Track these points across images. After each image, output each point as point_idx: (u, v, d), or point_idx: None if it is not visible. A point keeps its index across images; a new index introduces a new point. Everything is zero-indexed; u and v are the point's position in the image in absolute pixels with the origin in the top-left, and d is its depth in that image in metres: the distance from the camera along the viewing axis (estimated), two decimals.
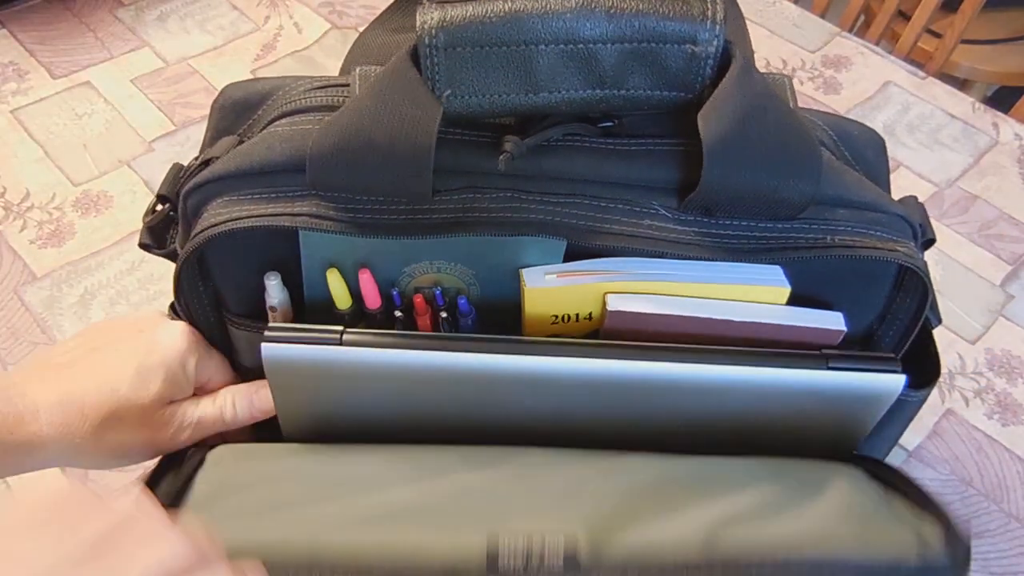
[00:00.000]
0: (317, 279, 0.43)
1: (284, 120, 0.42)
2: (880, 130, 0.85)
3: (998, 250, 0.77)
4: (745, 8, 0.53)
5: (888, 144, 0.47)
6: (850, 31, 1.06)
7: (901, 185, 0.82)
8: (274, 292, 0.44)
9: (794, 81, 0.90)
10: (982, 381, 0.68)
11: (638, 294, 0.42)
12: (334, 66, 0.89)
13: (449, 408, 0.43)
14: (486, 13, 0.36)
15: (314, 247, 0.42)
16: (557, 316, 0.43)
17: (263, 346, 0.40)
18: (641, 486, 0.40)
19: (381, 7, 0.58)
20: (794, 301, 0.43)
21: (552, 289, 0.42)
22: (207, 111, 0.47)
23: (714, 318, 0.42)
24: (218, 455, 0.43)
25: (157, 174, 0.79)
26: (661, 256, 0.40)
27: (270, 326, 0.40)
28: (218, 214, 0.40)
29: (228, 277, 0.44)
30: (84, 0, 0.97)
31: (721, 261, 0.40)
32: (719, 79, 0.38)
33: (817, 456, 0.46)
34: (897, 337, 0.45)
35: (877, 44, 1.12)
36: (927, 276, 0.41)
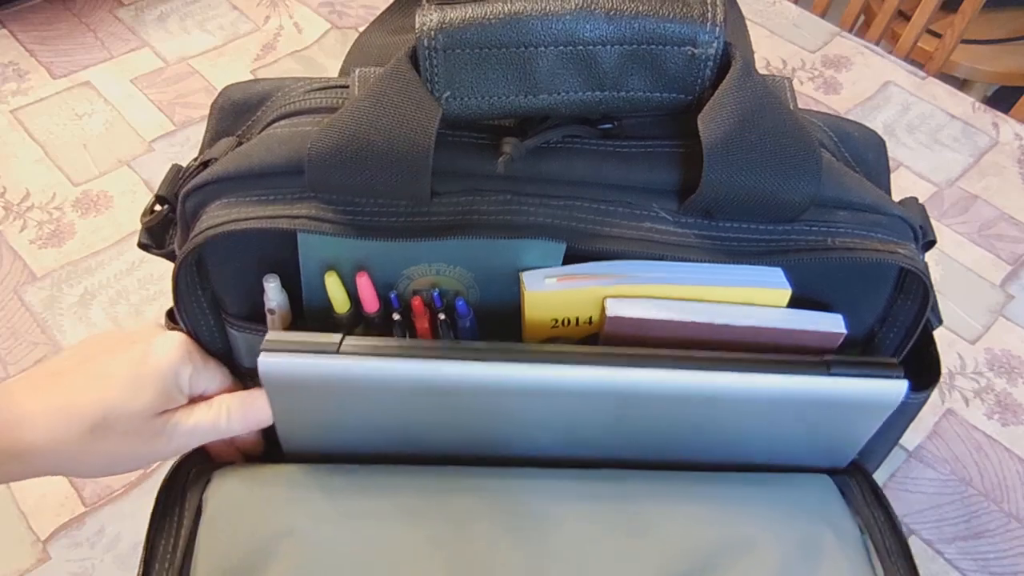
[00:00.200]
0: (315, 281, 0.43)
1: (283, 122, 0.42)
2: (880, 130, 0.85)
3: (998, 250, 0.77)
4: (745, 8, 0.53)
5: (888, 144, 0.47)
6: (850, 31, 1.06)
7: (901, 185, 0.82)
8: (273, 294, 0.44)
9: (794, 81, 0.91)
10: (982, 381, 0.68)
11: (637, 298, 0.42)
12: (334, 66, 0.89)
13: (448, 418, 0.43)
14: (485, 15, 0.36)
15: (312, 249, 0.42)
16: (557, 320, 0.43)
17: (260, 358, 0.40)
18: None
19: (381, 7, 0.58)
20: (794, 302, 0.43)
21: (552, 293, 0.42)
22: (207, 111, 0.47)
23: (713, 322, 0.42)
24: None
25: (157, 174, 0.79)
26: (661, 259, 0.40)
27: (267, 338, 0.40)
28: (216, 216, 0.40)
29: (226, 279, 0.44)
30: (84, 0, 0.97)
31: (721, 263, 0.40)
32: (719, 81, 0.38)
33: (817, 462, 0.46)
34: (898, 339, 0.45)
35: (877, 44, 1.11)
36: (928, 278, 0.41)
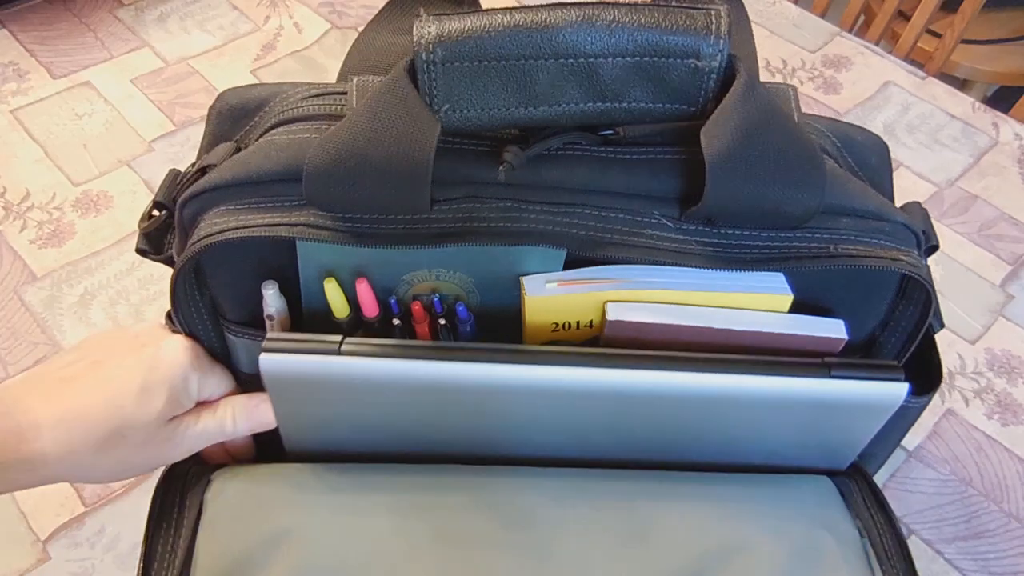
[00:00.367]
0: (315, 288, 0.43)
1: (281, 128, 0.42)
2: (880, 130, 0.85)
3: (998, 250, 0.77)
4: (746, 8, 0.53)
5: (888, 144, 0.47)
6: (850, 31, 1.06)
7: (901, 185, 0.82)
8: (272, 301, 0.43)
9: (794, 81, 0.91)
10: (982, 381, 0.68)
11: (638, 303, 0.42)
12: (334, 66, 0.89)
13: (449, 418, 0.43)
14: (485, 27, 0.36)
15: (311, 256, 0.42)
16: (557, 324, 0.43)
17: (261, 358, 0.40)
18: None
19: (381, 7, 0.57)
20: (795, 307, 0.43)
21: (553, 297, 0.41)
22: (207, 111, 0.47)
23: (714, 327, 0.42)
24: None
25: (157, 174, 0.79)
26: (662, 265, 0.40)
27: (268, 336, 0.40)
28: (215, 223, 0.40)
29: (225, 286, 0.44)
30: (84, 0, 0.96)
31: (723, 271, 0.40)
32: (723, 92, 0.38)
33: (817, 464, 0.46)
34: (899, 344, 0.45)
35: (877, 44, 1.11)
36: (931, 285, 0.41)
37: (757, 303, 0.42)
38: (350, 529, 0.42)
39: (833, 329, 0.43)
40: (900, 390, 0.41)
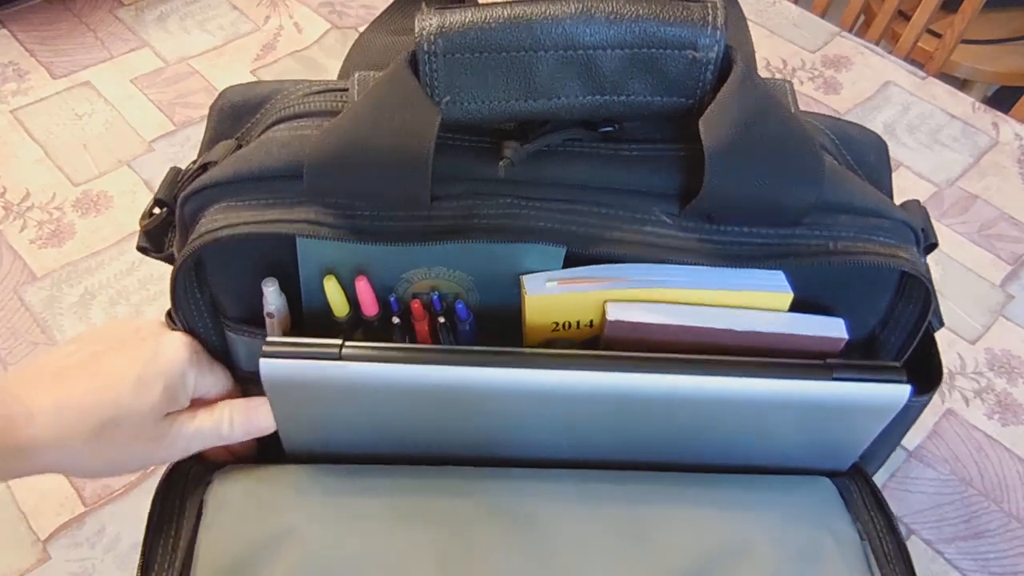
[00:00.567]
0: (315, 285, 0.43)
1: (282, 125, 0.42)
2: (880, 130, 0.85)
3: (998, 250, 0.77)
4: (745, 8, 0.53)
5: (888, 144, 0.47)
6: (850, 31, 1.06)
7: (901, 185, 0.82)
8: (272, 298, 0.43)
9: (794, 81, 0.91)
10: (982, 381, 0.68)
11: (638, 303, 0.42)
12: (334, 66, 0.89)
13: (449, 421, 0.43)
14: (485, 19, 0.36)
15: (311, 253, 0.42)
16: (558, 323, 0.43)
17: (261, 362, 0.40)
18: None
19: (381, 7, 0.58)
20: (795, 306, 0.43)
21: (553, 296, 0.41)
22: (207, 111, 0.47)
23: (714, 326, 0.42)
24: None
25: (157, 174, 0.79)
26: (662, 262, 0.40)
27: (268, 340, 0.40)
28: (215, 220, 0.40)
29: (225, 283, 0.44)
30: (84, 0, 0.96)
31: (723, 267, 0.40)
32: (720, 85, 0.38)
33: (818, 465, 0.46)
34: (899, 343, 0.45)
35: (877, 44, 1.11)
36: (930, 283, 0.41)
37: (757, 301, 0.42)
38: (351, 531, 0.42)
39: (834, 328, 0.43)
40: (902, 392, 0.41)
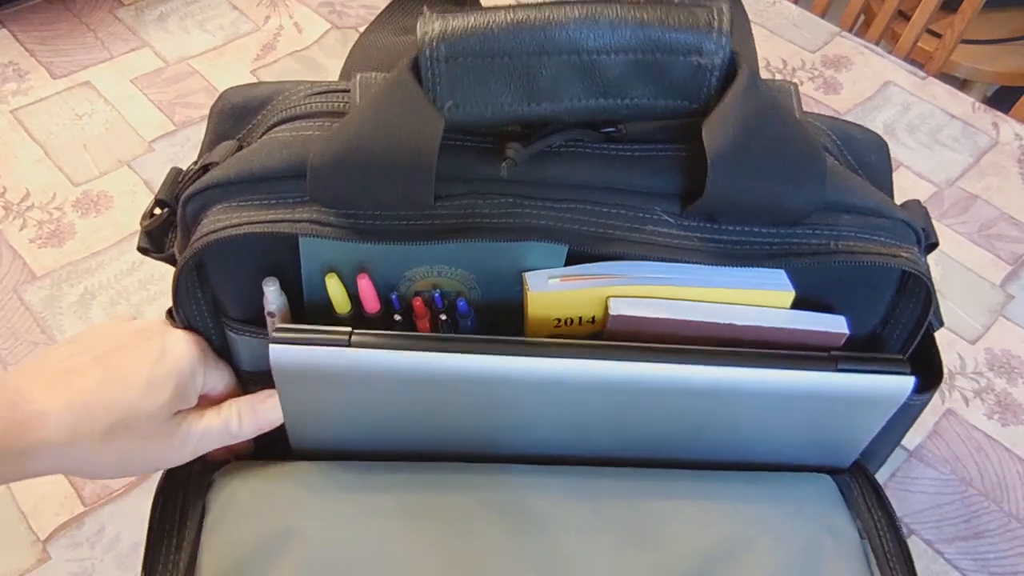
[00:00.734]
0: (316, 284, 0.43)
1: (284, 126, 0.42)
2: (880, 130, 0.85)
3: (998, 250, 0.77)
4: (745, 8, 0.53)
5: (888, 144, 0.47)
6: (850, 31, 1.06)
7: (901, 185, 0.82)
8: (272, 298, 0.43)
9: (794, 81, 0.91)
10: (982, 381, 0.68)
11: (641, 298, 0.42)
12: (334, 66, 0.89)
13: (455, 413, 0.43)
14: (488, 23, 0.36)
15: (314, 252, 0.42)
16: (560, 319, 0.43)
17: (271, 348, 0.40)
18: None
19: (381, 7, 0.58)
20: (796, 304, 0.43)
21: (555, 293, 0.42)
22: (207, 111, 0.47)
23: (716, 322, 0.42)
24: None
25: (157, 174, 0.79)
26: (664, 261, 0.40)
27: (277, 327, 0.40)
28: (218, 220, 0.40)
29: (227, 283, 0.44)
30: (84, 0, 0.96)
31: (724, 267, 0.40)
32: (725, 89, 0.38)
33: (819, 461, 0.46)
34: (900, 341, 0.45)
35: (877, 44, 1.11)
36: (930, 282, 0.41)
37: (759, 299, 0.42)
38: (355, 528, 0.42)
39: (835, 324, 0.43)
40: (906, 384, 0.41)
